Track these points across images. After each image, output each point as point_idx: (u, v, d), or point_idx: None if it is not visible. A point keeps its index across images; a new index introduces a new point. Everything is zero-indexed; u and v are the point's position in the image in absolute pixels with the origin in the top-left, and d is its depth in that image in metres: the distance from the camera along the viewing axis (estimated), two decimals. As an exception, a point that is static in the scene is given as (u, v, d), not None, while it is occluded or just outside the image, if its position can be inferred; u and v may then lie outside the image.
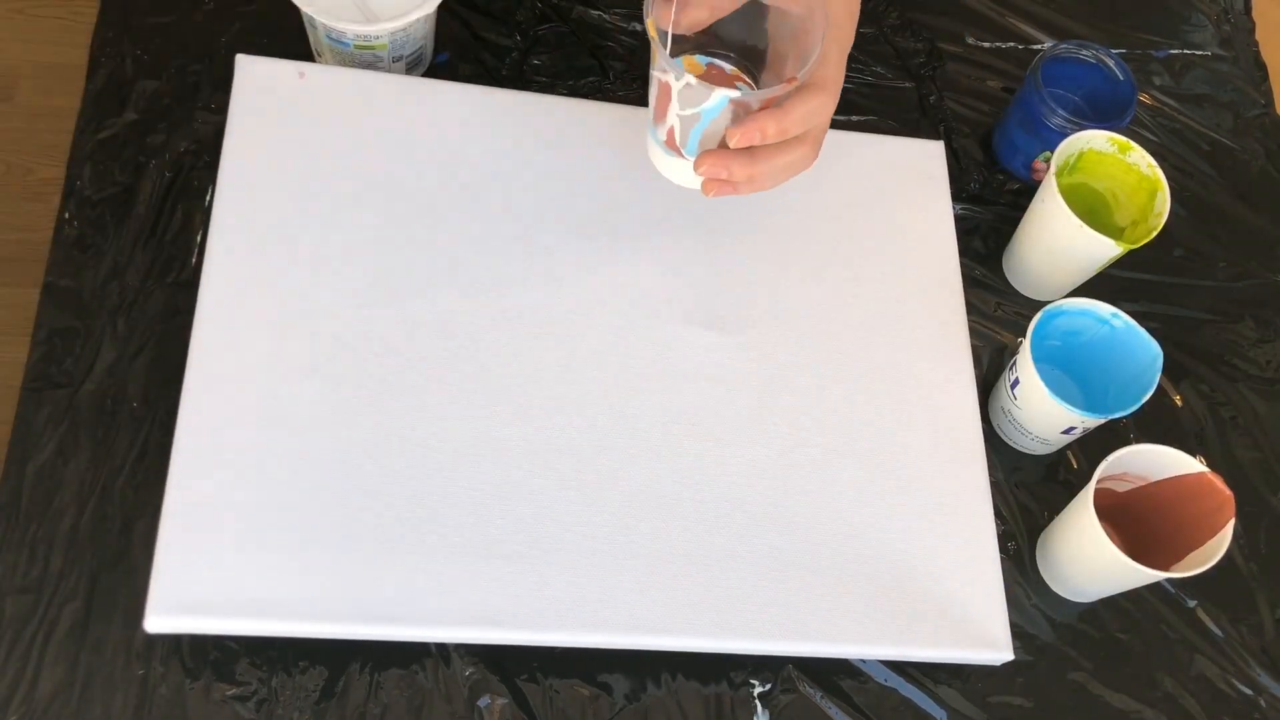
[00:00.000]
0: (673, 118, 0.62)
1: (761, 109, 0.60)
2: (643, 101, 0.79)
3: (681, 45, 0.65)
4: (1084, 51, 0.79)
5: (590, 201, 0.72)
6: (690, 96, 0.60)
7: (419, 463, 0.63)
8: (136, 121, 0.73)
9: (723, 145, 0.61)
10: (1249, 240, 0.84)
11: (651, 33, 0.60)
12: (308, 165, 0.68)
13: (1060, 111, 0.76)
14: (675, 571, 0.63)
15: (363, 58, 0.72)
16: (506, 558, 0.62)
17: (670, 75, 0.60)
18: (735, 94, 0.59)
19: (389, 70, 0.74)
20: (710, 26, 0.63)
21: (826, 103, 0.62)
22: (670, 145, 0.64)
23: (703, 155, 0.62)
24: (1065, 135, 0.77)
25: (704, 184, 0.63)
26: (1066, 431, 0.70)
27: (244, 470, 0.61)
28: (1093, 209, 0.77)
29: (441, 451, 0.63)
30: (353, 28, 0.69)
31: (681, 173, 0.65)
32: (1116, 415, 0.68)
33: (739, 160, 0.61)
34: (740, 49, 0.66)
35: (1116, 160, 0.75)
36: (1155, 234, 0.71)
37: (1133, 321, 0.70)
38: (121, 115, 0.73)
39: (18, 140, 1.46)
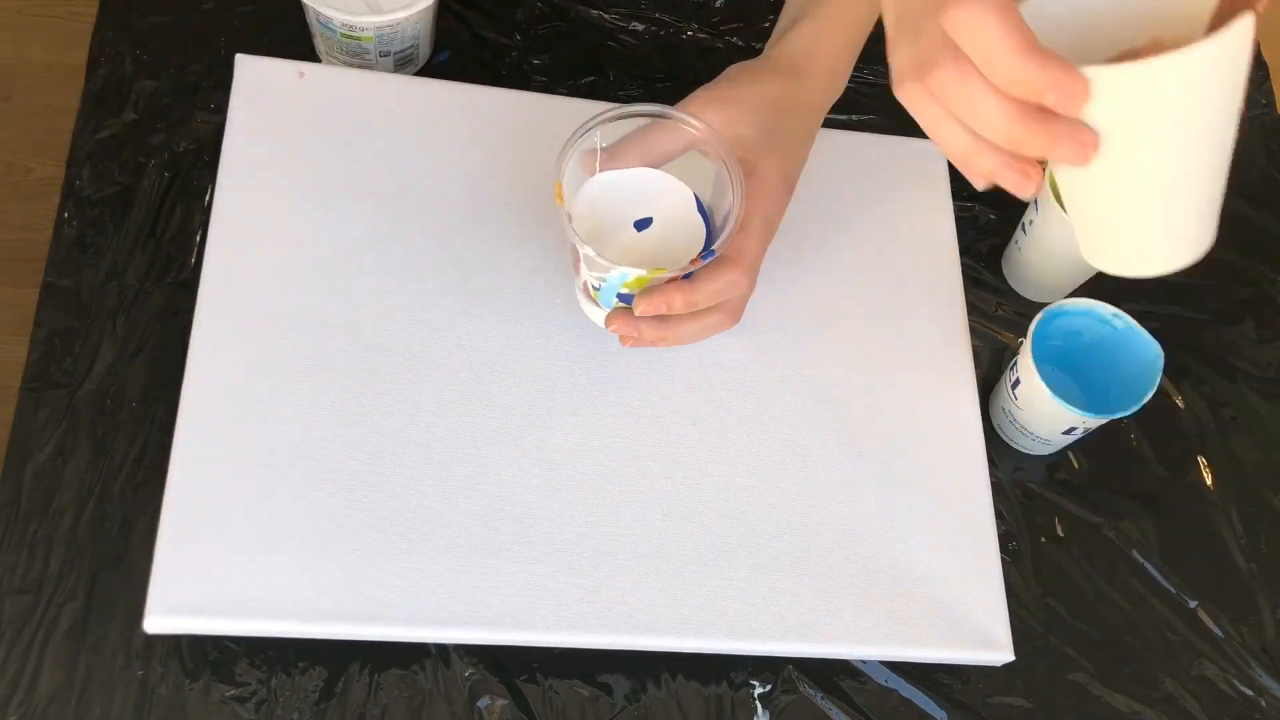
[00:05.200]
0: (585, 274, 0.61)
1: (671, 281, 0.59)
2: (643, 99, 0.79)
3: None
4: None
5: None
6: (594, 264, 0.59)
7: (419, 462, 0.63)
8: (136, 121, 0.73)
9: None
10: (1250, 240, 0.84)
11: (559, 200, 0.58)
12: (307, 165, 0.68)
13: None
14: (675, 571, 0.63)
15: (350, 46, 0.72)
16: (506, 558, 0.62)
17: (576, 243, 0.58)
18: (636, 271, 0.58)
19: (376, 64, 0.73)
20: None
21: (738, 280, 0.60)
22: (587, 294, 0.63)
23: (613, 314, 0.62)
24: None
25: (620, 337, 0.63)
26: (1067, 432, 0.70)
27: (243, 470, 0.61)
28: None
29: (441, 451, 0.63)
30: (339, 15, 0.68)
31: (599, 319, 0.64)
32: (1118, 415, 0.67)
33: (649, 324, 0.61)
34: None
35: None
36: None
37: (1134, 322, 0.70)
38: (121, 115, 0.73)
39: (17, 140, 1.46)
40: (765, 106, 0.63)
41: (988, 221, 0.81)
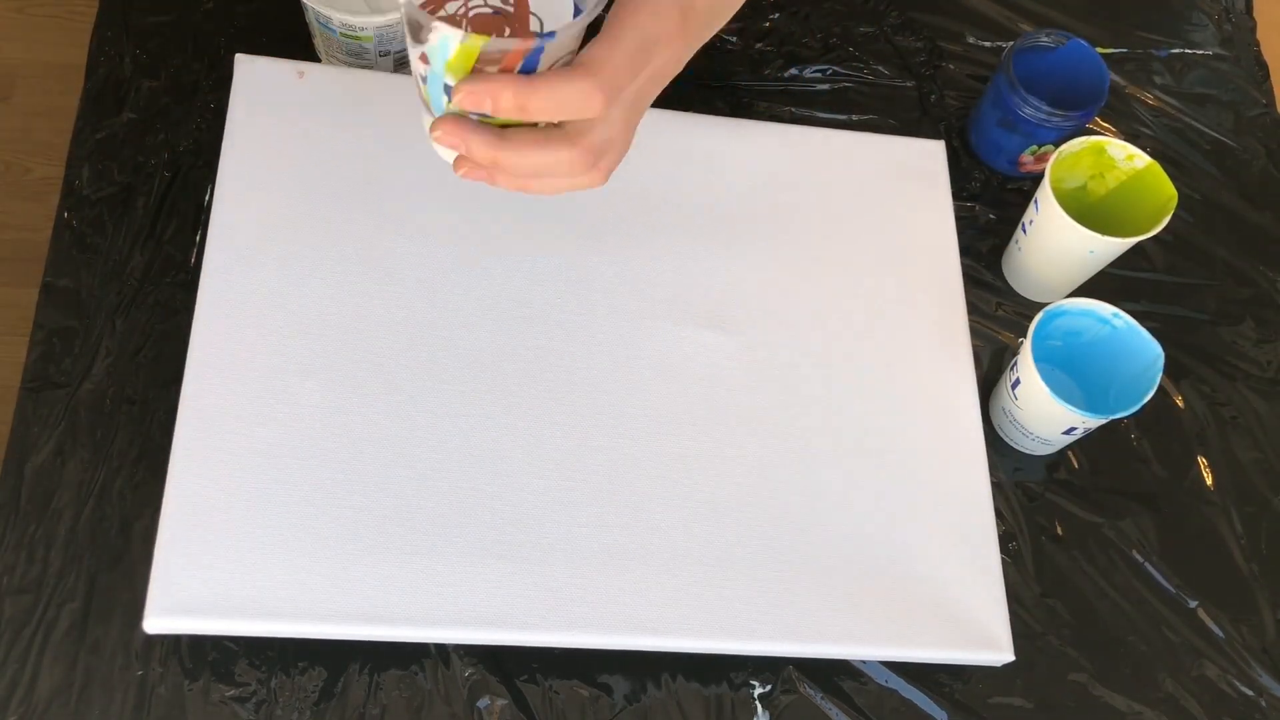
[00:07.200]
0: (413, 63, 0.50)
1: (504, 70, 0.48)
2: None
3: None
4: (1045, 38, 0.78)
5: (590, 200, 0.71)
6: (413, 28, 0.47)
7: (419, 463, 0.63)
8: (135, 121, 0.73)
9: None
10: (1250, 240, 0.84)
11: None
12: (307, 165, 0.68)
13: (1042, 106, 0.75)
14: (675, 571, 0.63)
15: (349, 46, 0.72)
16: (506, 558, 0.61)
17: None
18: (457, 35, 0.46)
19: (376, 63, 0.73)
20: None
21: (590, 94, 0.48)
22: (425, 107, 0.52)
23: (440, 119, 0.50)
24: (1045, 129, 0.76)
25: (455, 160, 0.52)
26: (1067, 432, 0.70)
27: (243, 470, 0.61)
28: (1093, 209, 0.77)
29: (441, 451, 0.63)
30: (339, 15, 0.68)
31: (440, 149, 0.53)
32: (1118, 415, 0.67)
33: (480, 136, 0.50)
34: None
35: (1112, 161, 0.75)
36: (1164, 222, 0.71)
37: (1134, 321, 0.69)
38: (120, 115, 0.73)
39: (16, 139, 1.46)
40: None
41: (988, 221, 0.81)
